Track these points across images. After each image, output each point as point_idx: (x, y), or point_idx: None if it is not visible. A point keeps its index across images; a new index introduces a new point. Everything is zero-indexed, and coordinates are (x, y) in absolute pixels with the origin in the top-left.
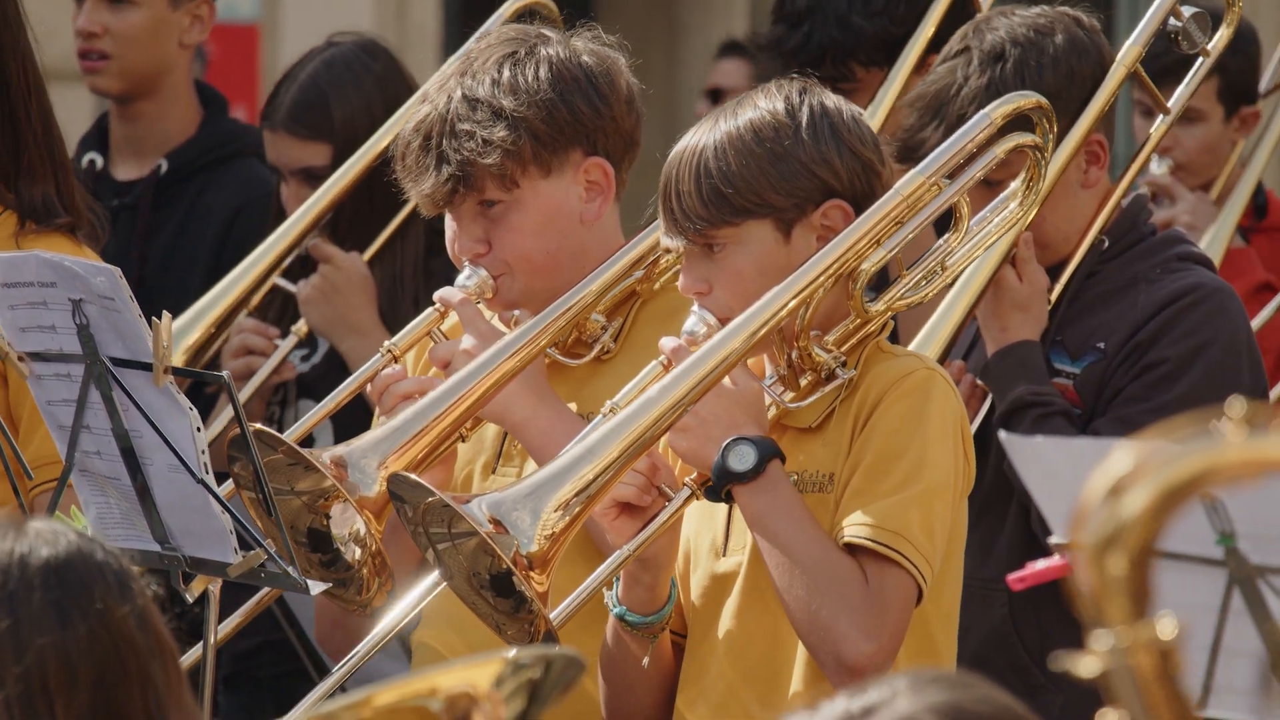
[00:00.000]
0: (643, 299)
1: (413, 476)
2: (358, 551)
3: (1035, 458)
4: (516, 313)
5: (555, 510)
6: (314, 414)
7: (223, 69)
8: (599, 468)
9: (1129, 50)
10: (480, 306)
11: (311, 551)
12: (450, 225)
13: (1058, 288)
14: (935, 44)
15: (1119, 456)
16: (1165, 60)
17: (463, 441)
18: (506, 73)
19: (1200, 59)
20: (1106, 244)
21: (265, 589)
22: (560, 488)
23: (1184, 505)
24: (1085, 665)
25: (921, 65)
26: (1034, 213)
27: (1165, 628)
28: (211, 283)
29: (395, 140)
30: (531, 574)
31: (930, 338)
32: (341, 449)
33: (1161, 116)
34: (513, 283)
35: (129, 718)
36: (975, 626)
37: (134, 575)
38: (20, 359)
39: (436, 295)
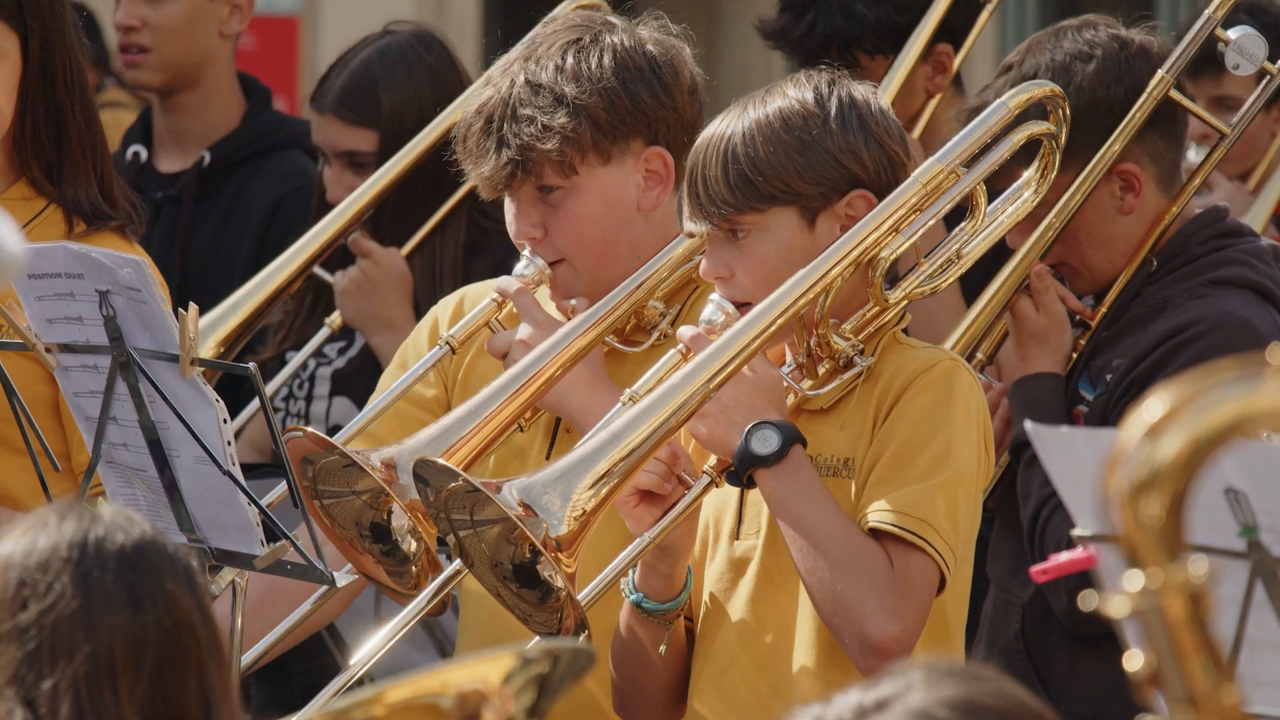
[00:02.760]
0: (700, 288)
1: (440, 460)
2: (414, 544)
3: (1061, 448)
4: (573, 302)
5: (584, 492)
6: (371, 410)
7: (262, 61)
8: (624, 451)
9: (1159, 80)
10: (539, 294)
11: (373, 542)
12: (509, 206)
13: (1100, 311)
14: (941, 32)
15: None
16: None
17: (521, 431)
18: (570, 59)
19: (1266, 77)
20: (1155, 265)
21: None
22: (588, 471)
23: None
24: (1115, 605)
25: (927, 54)
26: (1039, 198)
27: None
28: (253, 275)
29: (454, 125)
30: (560, 556)
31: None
32: (392, 450)
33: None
34: (569, 271)
35: (185, 709)
36: (997, 640)
37: (198, 571)
38: (47, 350)
39: (494, 285)
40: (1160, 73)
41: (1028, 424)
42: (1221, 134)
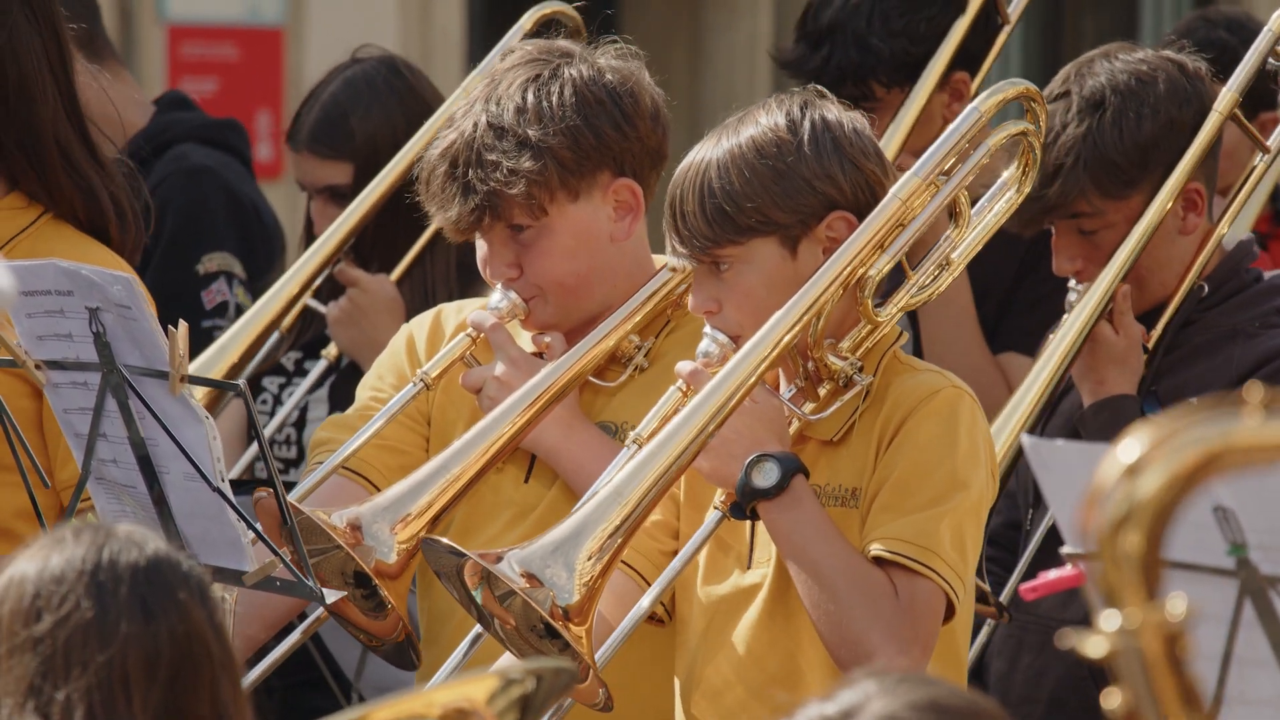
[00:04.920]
0: (673, 321)
1: (444, 541)
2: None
3: (1054, 462)
4: (547, 338)
5: (588, 559)
6: (349, 446)
7: (247, 72)
8: (628, 508)
9: (1225, 97)
10: (513, 325)
11: (356, 588)
12: (481, 246)
13: (1154, 334)
14: (958, 62)
15: (1134, 437)
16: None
17: (498, 473)
18: (531, 97)
19: None
20: (1206, 290)
21: (300, 629)
22: (591, 535)
23: (1198, 487)
24: (1093, 646)
25: (944, 83)
26: (1028, 188)
27: (1175, 607)
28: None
29: (420, 162)
30: (570, 624)
31: (1024, 396)
32: (355, 511)
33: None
34: (545, 305)
35: None
36: (1052, 668)
37: (212, 588)
38: (37, 367)
39: (468, 320)
40: (1227, 91)
41: (1024, 438)
42: (1265, 150)
